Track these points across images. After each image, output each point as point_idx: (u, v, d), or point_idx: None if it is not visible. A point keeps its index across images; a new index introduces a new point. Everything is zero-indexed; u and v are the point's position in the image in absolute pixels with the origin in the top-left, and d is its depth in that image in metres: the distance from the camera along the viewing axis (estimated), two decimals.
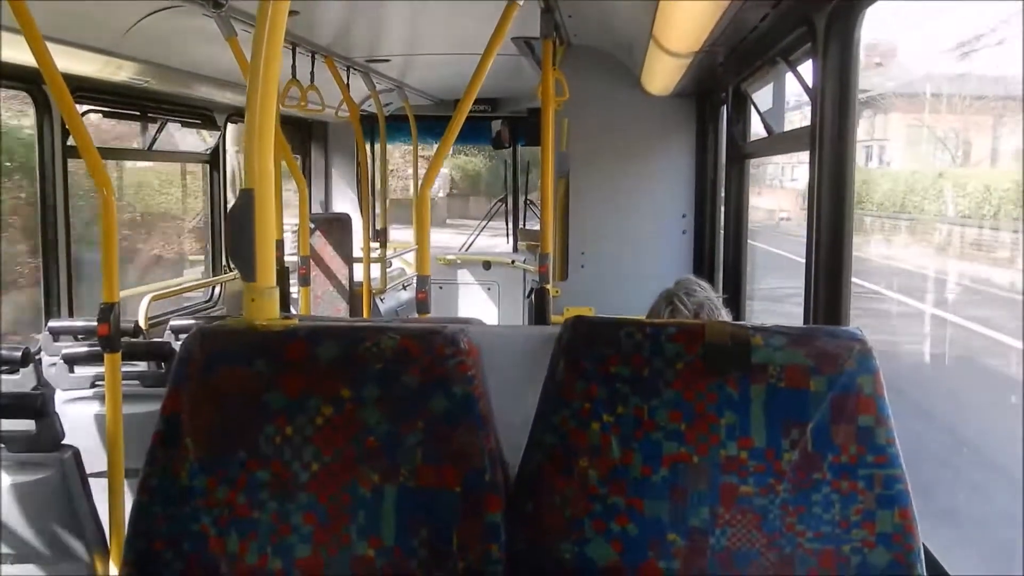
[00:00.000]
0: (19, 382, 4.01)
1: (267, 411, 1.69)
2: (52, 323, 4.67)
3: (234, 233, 1.83)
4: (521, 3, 3.68)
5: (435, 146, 8.61)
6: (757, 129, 4.95)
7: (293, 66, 5.56)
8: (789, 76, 3.83)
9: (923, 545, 1.71)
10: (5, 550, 3.19)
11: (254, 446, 1.68)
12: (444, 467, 1.69)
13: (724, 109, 5.48)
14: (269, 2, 1.81)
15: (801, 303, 3.17)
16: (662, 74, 5.21)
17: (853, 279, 2.94)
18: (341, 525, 1.68)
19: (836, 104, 2.90)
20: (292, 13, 4.56)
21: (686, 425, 1.69)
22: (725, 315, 2.97)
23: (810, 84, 3.09)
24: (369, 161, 8.71)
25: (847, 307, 2.95)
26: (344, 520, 1.68)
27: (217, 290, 7.15)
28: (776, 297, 10.61)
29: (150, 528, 1.68)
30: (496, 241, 11.07)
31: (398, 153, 13.22)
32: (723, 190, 5.68)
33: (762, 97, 4.80)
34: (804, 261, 3.12)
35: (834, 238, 2.94)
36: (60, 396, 4.10)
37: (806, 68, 3.34)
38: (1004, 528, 5.53)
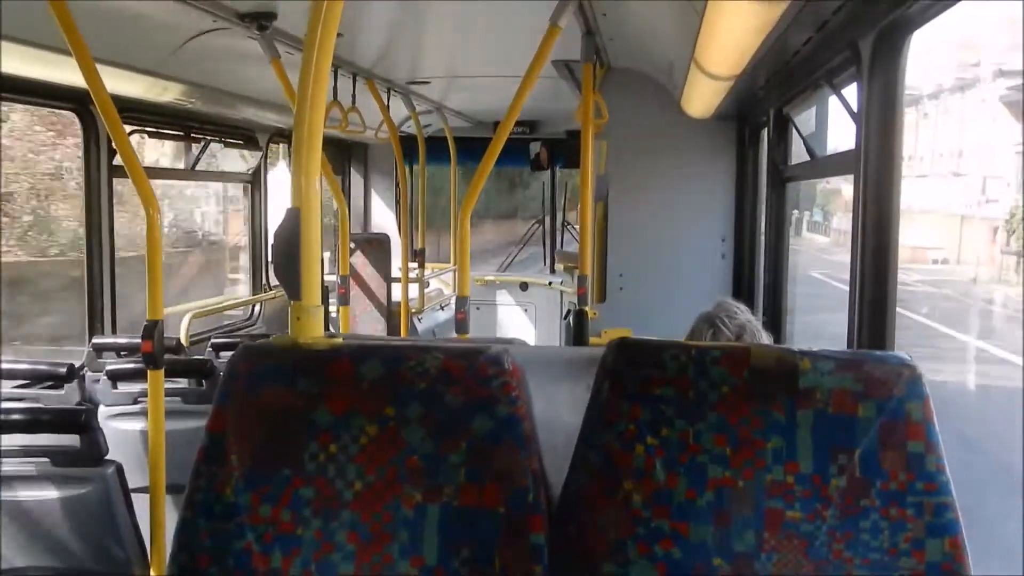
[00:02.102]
0: (64, 397, 4.05)
1: (311, 429, 1.70)
2: (96, 339, 4.72)
3: (279, 252, 1.84)
4: (562, 26, 3.69)
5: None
6: (798, 152, 4.92)
7: (335, 88, 5.61)
8: (832, 99, 3.80)
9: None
10: (48, 563, 3.22)
11: (298, 464, 1.69)
12: (487, 487, 1.69)
13: (765, 132, 5.46)
14: (318, 27, 1.83)
15: None
16: (702, 97, 5.19)
17: None
18: (383, 544, 1.68)
19: (881, 127, 2.88)
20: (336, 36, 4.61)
21: (731, 449, 1.68)
22: (766, 337, 2.95)
23: (854, 107, 3.07)
24: (408, 182, 8.77)
25: (892, 332, 2.92)
26: (386, 539, 1.68)
27: (257, 308, 7.21)
28: None
29: (194, 543, 1.69)
30: (533, 263, 11.09)
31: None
32: (763, 214, 5.65)
33: (804, 120, 4.78)
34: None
35: (879, 262, 2.92)
36: (103, 412, 4.15)
37: (850, 91, 3.32)
38: None
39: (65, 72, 3.72)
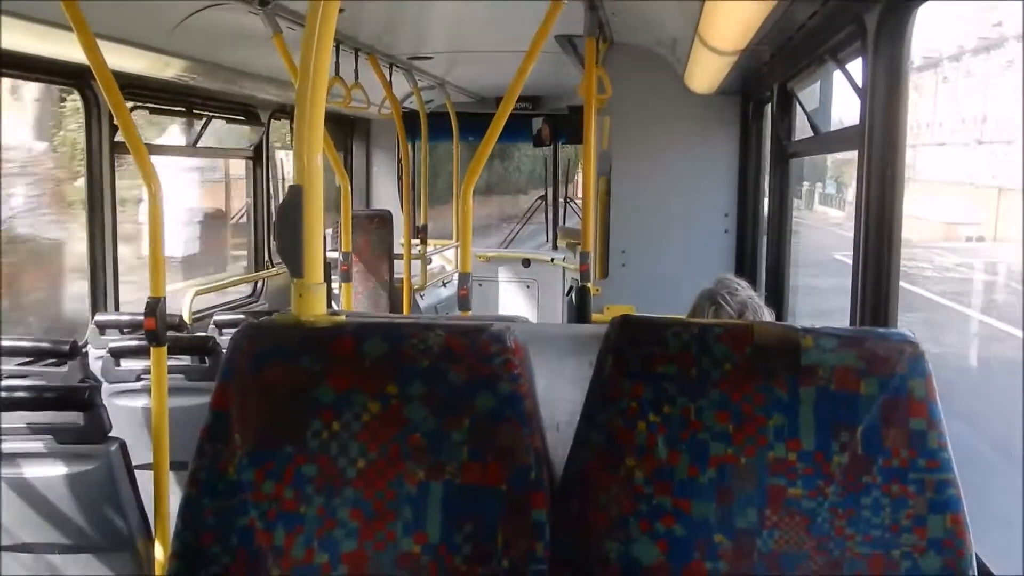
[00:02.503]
0: (66, 375, 4.06)
1: (314, 407, 1.70)
2: (99, 316, 4.73)
3: (282, 229, 1.84)
4: (565, 1, 3.67)
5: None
6: (802, 128, 4.90)
7: (337, 63, 5.59)
8: (836, 74, 3.78)
9: (975, 552, 1.69)
10: (52, 540, 3.23)
11: (301, 441, 1.69)
12: (490, 464, 1.69)
13: (769, 108, 5.44)
14: (319, 5, 1.82)
15: None
16: (706, 72, 5.17)
17: None
18: (387, 521, 1.68)
19: (886, 103, 2.86)
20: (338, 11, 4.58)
21: (733, 426, 1.68)
22: (768, 314, 2.94)
23: (859, 83, 3.05)
24: (411, 158, 8.75)
25: (895, 308, 2.91)
26: (389, 516, 1.69)
27: (260, 285, 7.21)
28: None
29: (198, 521, 1.69)
30: (536, 238, 11.08)
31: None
32: (767, 190, 5.63)
33: (808, 95, 4.76)
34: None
35: (882, 238, 2.91)
36: (106, 389, 4.15)
37: (854, 66, 3.30)
38: None
39: (66, 47, 3.71)
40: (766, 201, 5.67)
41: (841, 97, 4.35)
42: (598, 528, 1.69)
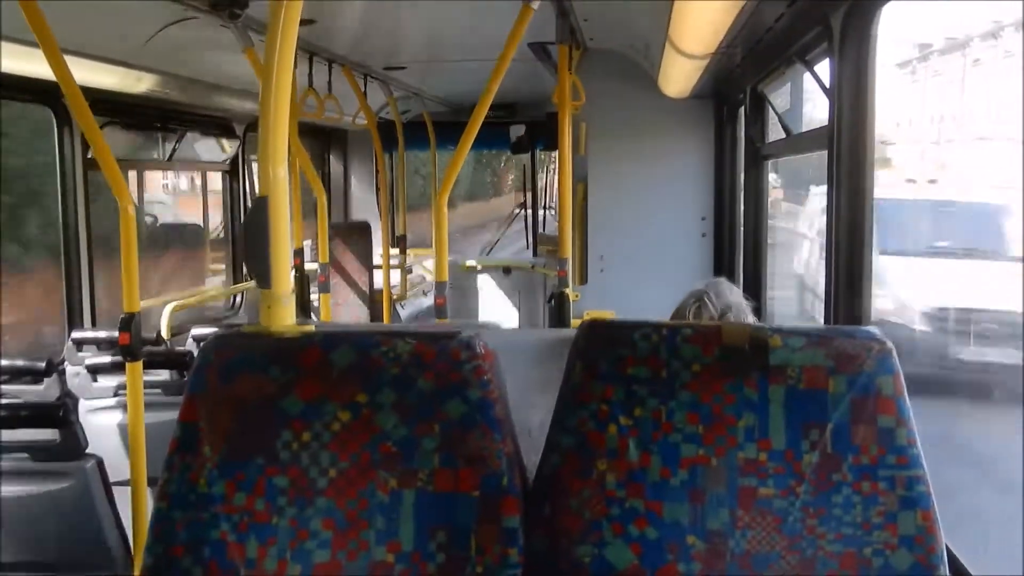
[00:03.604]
0: (43, 392, 4.04)
1: (284, 417, 1.69)
2: (75, 333, 4.70)
3: (249, 241, 1.83)
4: (535, 7, 3.68)
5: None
6: (775, 129, 4.93)
7: (310, 75, 5.58)
8: (807, 76, 3.81)
9: (946, 546, 1.70)
10: (29, 558, 3.21)
11: (271, 452, 1.69)
12: (461, 471, 1.69)
13: (742, 110, 5.47)
14: (281, 9, 1.82)
15: None
16: (679, 76, 5.19)
17: None
18: (359, 530, 1.68)
19: (853, 103, 2.88)
20: (309, 22, 4.58)
21: (704, 427, 1.68)
22: (752, 320, 2.95)
23: (827, 84, 3.08)
24: (388, 168, 8.74)
25: (868, 307, 2.93)
26: (362, 525, 1.68)
27: (238, 298, 7.19)
28: None
29: (169, 535, 1.69)
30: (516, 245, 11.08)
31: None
32: (742, 192, 5.66)
33: (780, 98, 4.79)
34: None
35: (853, 238, 2.92)
36: (83, 405, 4.13)
37: (823, 67, 3.32)
38: None
39: (36, 64, 3.69)
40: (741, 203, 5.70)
41: (812, 98, 4.39)
42: (571, 532, 1.70)
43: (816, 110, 4.47)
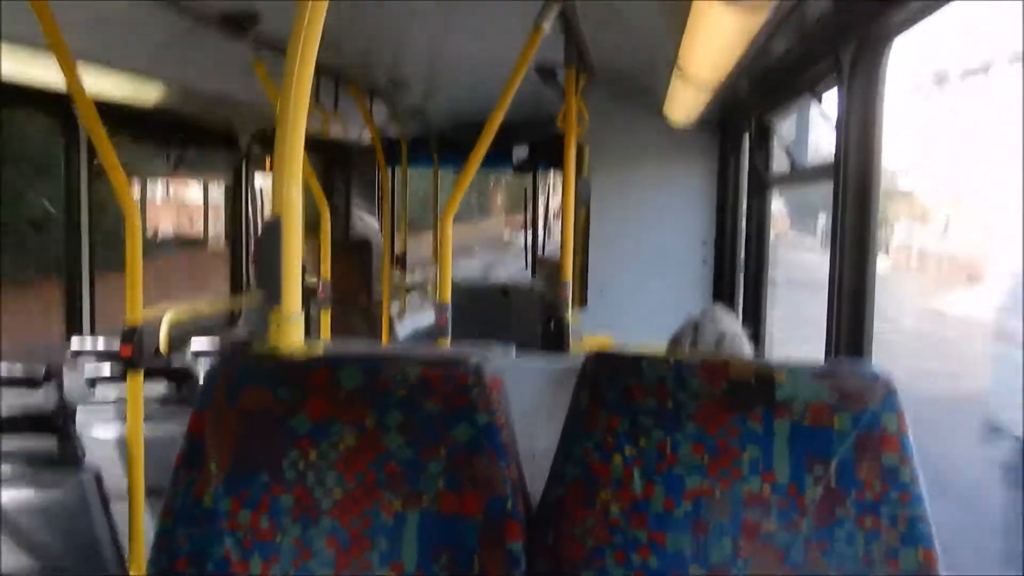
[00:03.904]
0: (41, 400, 4.02)
1: (290, 436, 1.69)
2: (75, 342, 4.69)
3: (262, 259, 1.84)
4: (546, 29, 3.69)
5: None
6: (779, 159, 4.95)
7: (316, 91, 5.59)
8: (813, 107, 3.82)
9: None
10: (24, 567, 3.19)
11: (277, 471, 1.69)
12: (466, 494, 1.69)
13: (746, 139, 5.48)
14: (302, 28, 1.83)
15: None
16: (684, 103, 5.21)
17: None
18: (363, 550, 1.68)
19: (861, 136, 2.89)
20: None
21: (709, 459, 1.68)
22: (748, 349, 2.95)
23: (835, 116, 3.09)
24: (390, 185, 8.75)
25: (870, 340, 2.93)
26: (366, 545, 1.68)
27: (237, 311, 7.17)
28: None
29: (173, 548, 1.69)
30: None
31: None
32: (744, 221, 5.67)
33: (785, 128, 4.80)
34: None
35: (858, 271, 2.93)
36: (81, 415, 4.11)
37: (830, 99, 3.34)
38: None
39: (42, 72, 3.69)
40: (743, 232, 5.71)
41: (817, 129, 4.40)
42: (574, 559, 1.69)
43: (821, 141, 4.49)
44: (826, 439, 1.68)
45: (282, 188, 1.82)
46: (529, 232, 10.15)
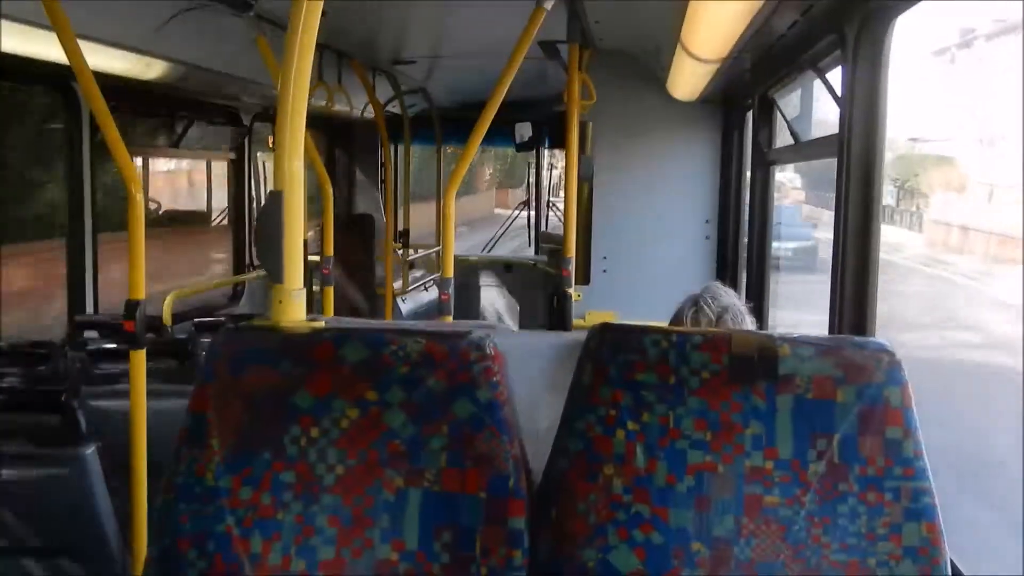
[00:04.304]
0: (45, 377, 4.03)
1: (293, 413, 1.70)
2: (78, 318, 4.70)
3: (262, 235, 1.84)
4: (548, 7, 3.68)
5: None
6: (783, 135, 4.93)
7: (320, 67, 5.57)
8: (817, 82, 3.80)
9: (951, 559, 1.70)
10: (26, 543, 3.21)
11: (279, 447, 1.69)
12: (468, 472, 1.70)
13: (750, 115, 5.47)
14: (302, 6, 1.82)
15: None
16: (688, 80, 5.20)
17: None
18: (364, 528, 1.68)
19: (865, 112, 2.88)
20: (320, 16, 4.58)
21: (711, 434, 1.69)
22: (750, 323, 2.96)
23: (839, 92, 3.08)
24: (393, 162, 8.73)
25: (873, 316, 2.93)
26: (367, 523, 1.69)
27: (241, 287, 7.18)
28: None
29: (174, 526, 1.69)
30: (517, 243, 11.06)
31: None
32: (748, 196, 5.67)
33: (789, 104, 4.78)
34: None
35: (861, 247, 2.92)
36: (85, 391, 4.12)
37: (834, 75, 3.32)
38: None
39: (46, 48, 3.68)
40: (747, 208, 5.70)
41: (821, 105, 4.39)
42: (576, 536, 1.70)
43: (826, 117, 4.47)
44: (829, 413, 1.68)
45: (283, 162, 1.81)
46: (532, 209, 10.14)
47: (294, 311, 1.84)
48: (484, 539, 1.68)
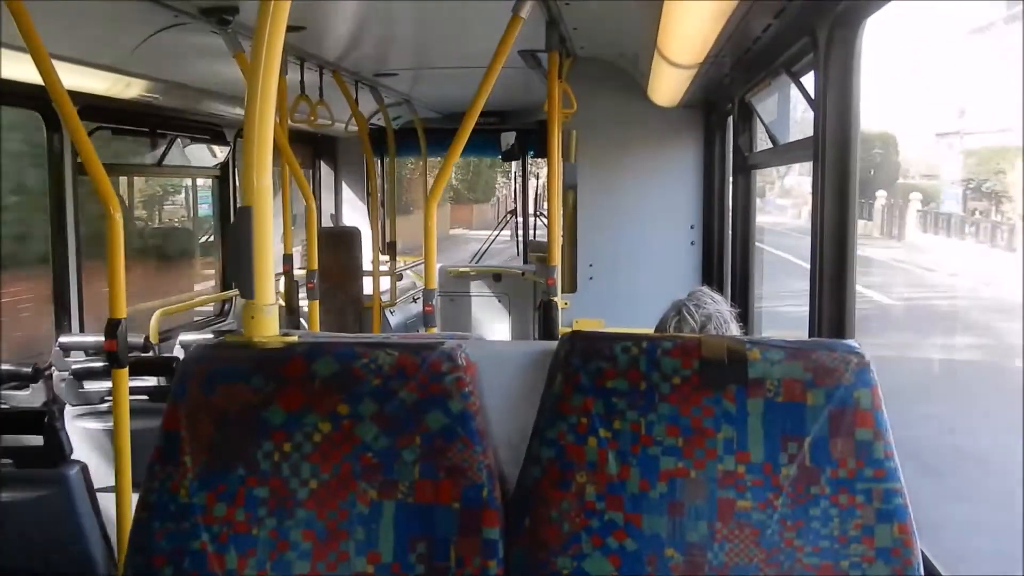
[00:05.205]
0: (30, 398, 4.03)
1: (265, 428, 1.70)
2: (63, 339, 4.69)
3: (233, 251, 1.84)
4: (525, 17, 3.69)
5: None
6: (764, 139, 4.96)
7: (302, 82, 5.58)
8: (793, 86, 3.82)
9: (923, 555, 1.71)
10: (12, 564, 3.20)
11: (253, 463, 1.69)
12: (442, 483, 1.70)
13: (730, 120, 5.49)
14: (267, 19, 1.82)
15: None
16: (668, 85, 5.21)
17: None
18: (339, 541, 1.69)
19: (838, 114, 2.89)
20: (299, 29, 4.59)
21: (683, 440, 1.69)
22: (735, 329, 2.95)
23: (812, 94, 3.09)
24: (378, 174, 8.74)
25: (852, 319, 2.94)
26: (342, 536, 1.69)
27: (228, 304, 7.18)
28: None
29: (149, 544, 1.69)
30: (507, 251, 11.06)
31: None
32: (730, 201, 5.68)
33: (767, 108, 4.80)
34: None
35: (838, 249, 2.93)
36: (69, 411, 4.12)
37: (809, 78, 3.34)
38: None
39: (26, 68, 3.68)
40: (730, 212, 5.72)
41: (799, 108, 4.41)
42: (550, 544, 1.70)
43: (804, 121, 4.49)
44: (799, 416, 1.68)
45: (252, 177, 1.82)
46: (519, 218, 10.15)
47: (266, 326, 1.84)
48: (459, 550, 1.68)
